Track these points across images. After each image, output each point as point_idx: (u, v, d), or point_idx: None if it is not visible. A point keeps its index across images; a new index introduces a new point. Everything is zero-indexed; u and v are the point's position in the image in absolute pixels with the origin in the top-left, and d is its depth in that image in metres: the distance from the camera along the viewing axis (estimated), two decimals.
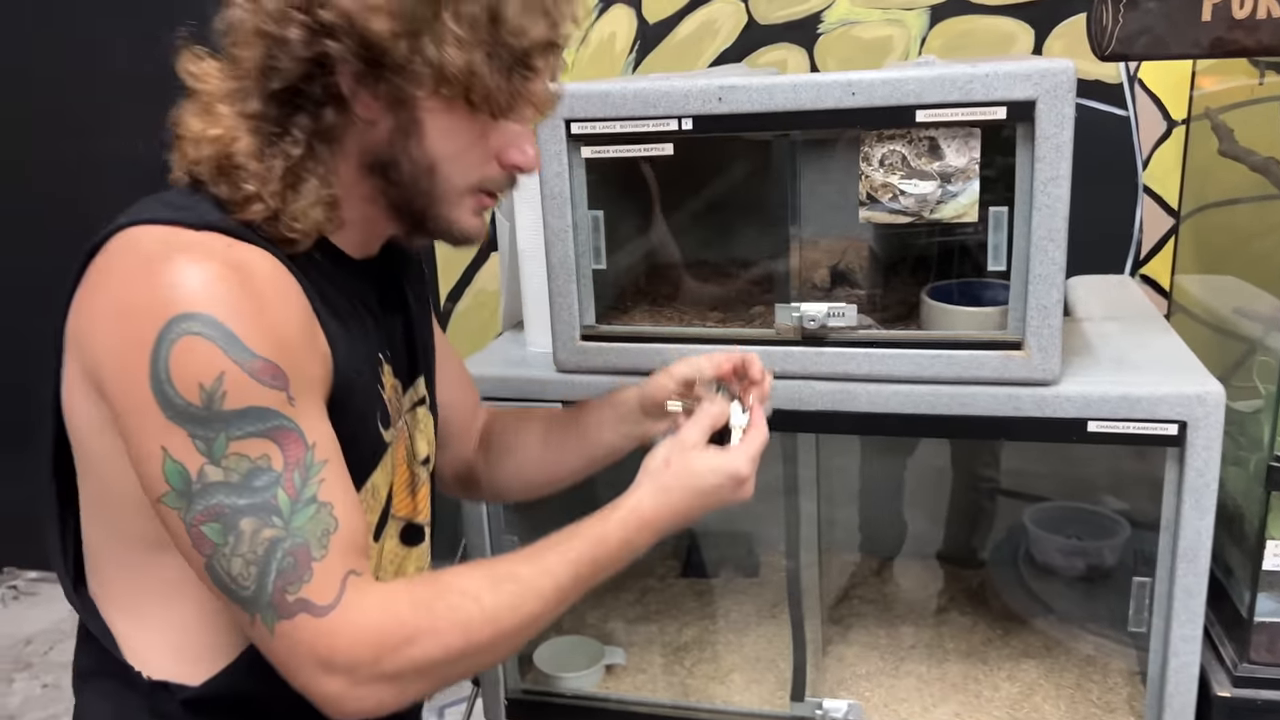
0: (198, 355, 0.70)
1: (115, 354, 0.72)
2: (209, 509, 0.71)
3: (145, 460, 0.72)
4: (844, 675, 1.44)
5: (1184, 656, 1.15)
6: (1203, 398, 1.08)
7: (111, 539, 0.83)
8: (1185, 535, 1.11)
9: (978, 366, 1.13)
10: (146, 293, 0.71)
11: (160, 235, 0.74)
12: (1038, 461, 1.69)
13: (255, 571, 0.72)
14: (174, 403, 0.70)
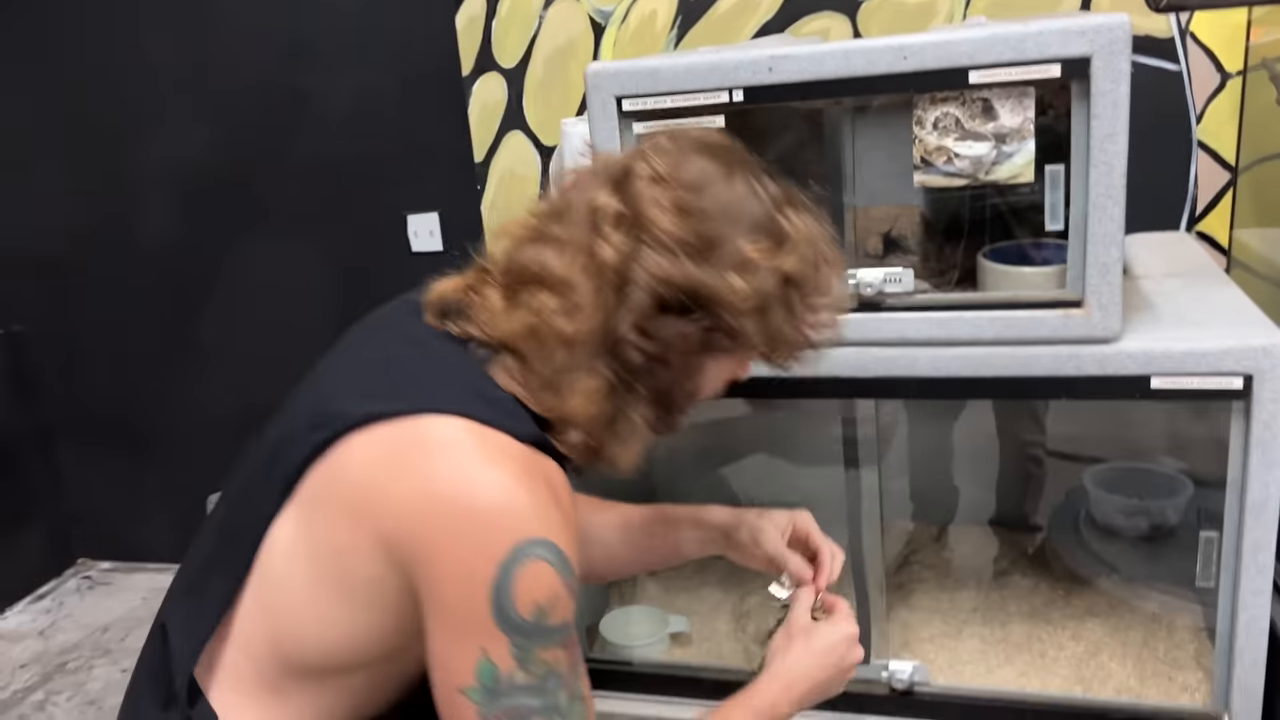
0: (541, 580, 0.78)
1: (452, 554, 0.78)
2: (509, 708, 0.79)
3: (455, 653, 0.79)
4: (907, 639, 1.45)
5: (1254, 610, 1.15)
6: (1268, 350, 1.07)
7: (271, 664, 0.90)
8: (1253, 489, 1.11)
9: (1037, 326, 1.13)
10: (493, 507, 0.78)
11: (493, 443, 0.81)
12: (1090, 423, 1.68)
13: None
14: (509, 615, 0.78)
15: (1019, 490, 1.75)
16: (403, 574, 0.81)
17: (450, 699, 0.80)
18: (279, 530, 0.87)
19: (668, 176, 0.86)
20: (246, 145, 2.36)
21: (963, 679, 1.36)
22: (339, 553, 0.84)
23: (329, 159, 2.30)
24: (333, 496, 0.84)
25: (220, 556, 0.91)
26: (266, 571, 0.88)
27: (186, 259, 2.50)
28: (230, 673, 0.91)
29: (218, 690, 0.91)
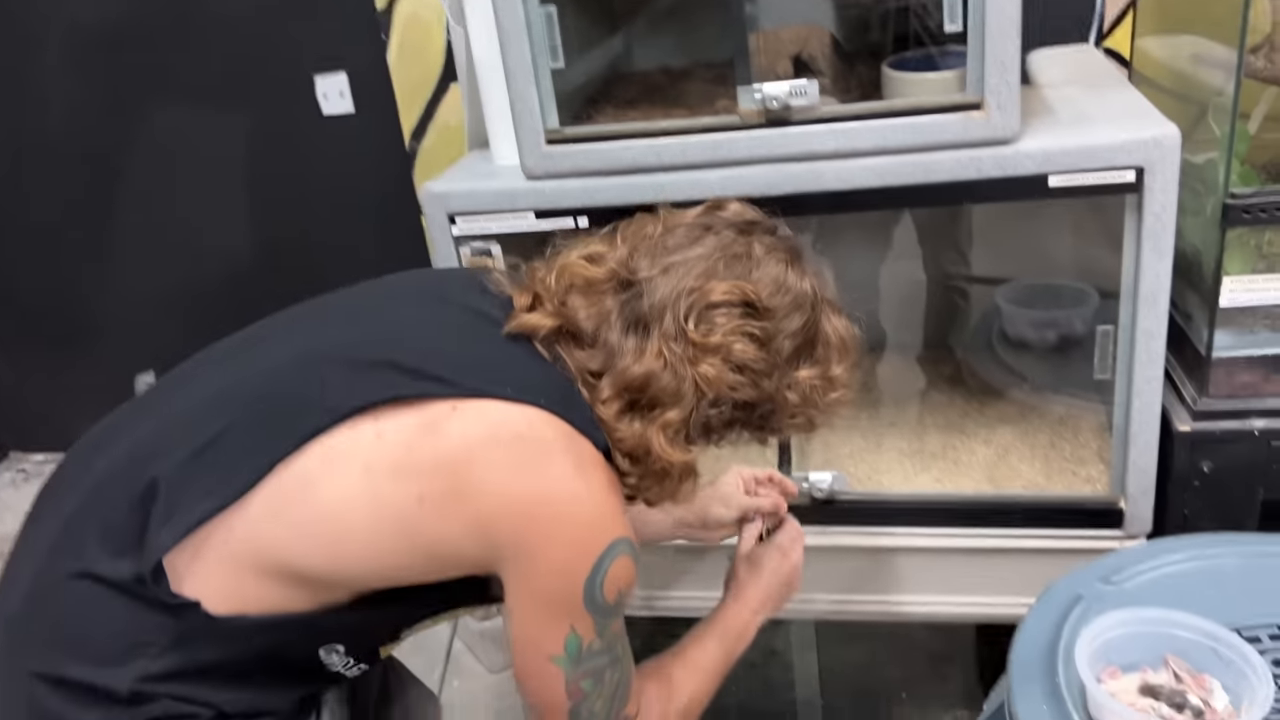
0: (625, 572, 0.91)
1: (555, 550, 0.88)
2: (588, 669, 0.93)
3: (547, 629, 0.90)
4: (828, 455, 1.51)
5: (1146, 397, 1.21)
6: (1159, 140, 1.10)
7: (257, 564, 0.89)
8: (1145, 280, 1.15)
9: (939, 131, 1.15)
10: (593, 511, 0.89)
11: (586, 449, 0.91)
12: (1008, 247, 1.73)
13: (608, 706, 0.96)
14: (597, 602, 0.90)
15: (945, 322, 1.80)
16: (489, 551, 0.89)
17: (539, 666, 0.92)
18: (339, 459, 0.89)
19: (758, 304, 0.95)
20: (144, 7, 2.24)
21: (880, 486, 1.42)
22: (426, 503, 0.88)
23: (227, 18, 2.20)
24: (432, 454, 0.88)
25: (253, 442, 0.90)
26: (314, 488, 0.88)
27: (88, 131, 2.40)
28: (208, 550, 0.89)
29: (180, 561, 0.88)
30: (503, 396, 0.89)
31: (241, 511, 0.88)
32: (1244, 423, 1.22)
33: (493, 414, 0.89)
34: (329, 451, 0.89)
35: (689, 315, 0.92)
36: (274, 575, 0.89)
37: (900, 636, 1.80)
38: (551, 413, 0.89)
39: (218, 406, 0.93)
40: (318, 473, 0.88)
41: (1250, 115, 1.26)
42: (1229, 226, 1.16)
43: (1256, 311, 1.21)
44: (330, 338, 0.97)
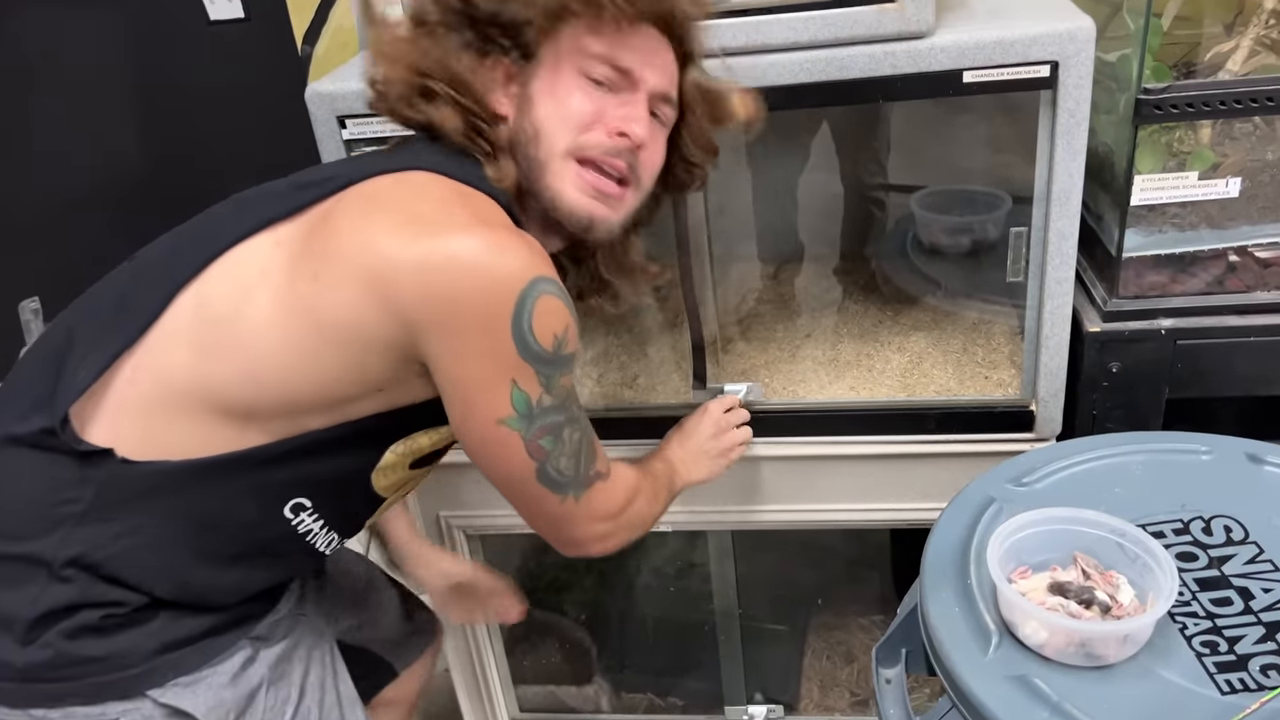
0: (554, 312, 0.87)
1: (471, 302, 0.83)
2: (544, 426, 0.90)
3: (488, 392, 0.87)
4: (744, 366, 1.49)
5: (1058, 299, 1.20)
6: (1073, 34, 1.07)
7: (200, 403, 0.86)
8: (1058, 178, 1.14)
9: (852, 24, 1.10)
10: (500, 253, 0.83)
11: (482, 201, 0.90)
12: (924, 156, 1.71)
13: (574, 463, 0.95)
14: (531, 347, 0.86)
15: (861, 234, 1.78)
16: (399, 327, 0.84)
17: (491, 435, 0.89)
18: (237, 269, 0.87)
19: None
20: None
21: (796, 396, 1.41)
22: (320, 279, 0.84)
23: None
24: (323, 237, 0.86)
25: (157, 280, 0.89)
26: (214, 305, 0.86)
27: None
28: (114, 394, 0.86)
29: (91, 410, 0.86)
30: (382, 171, 0.89)
31: (143, 346, 0.86)
32: (1152, 322, 1.23)
33: (372, 184, 0.89)
34: (226, 268, 0.87)
35: None
36: (190, 410, 0.85)
37: (816, 545, 1.81)
38: (435, 171, 0.89)
39: (128, 270, 0.95)
40: (215, 289, 0.86)
41: (1163, 12, 1.24)
42: (1141, 123, 1.14)
43: (1166, 210, 1.21)
44: (233, 203, 0.98)
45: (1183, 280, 1.23)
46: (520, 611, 1.40)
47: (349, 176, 0.90)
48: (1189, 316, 1.22)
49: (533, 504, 0.96)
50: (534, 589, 1.85)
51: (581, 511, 0.98)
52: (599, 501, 1.00)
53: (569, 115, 0.94)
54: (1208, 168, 1.17)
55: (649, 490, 1.10)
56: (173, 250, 0.93)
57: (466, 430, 0.90)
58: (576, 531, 1.00)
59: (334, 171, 0.94)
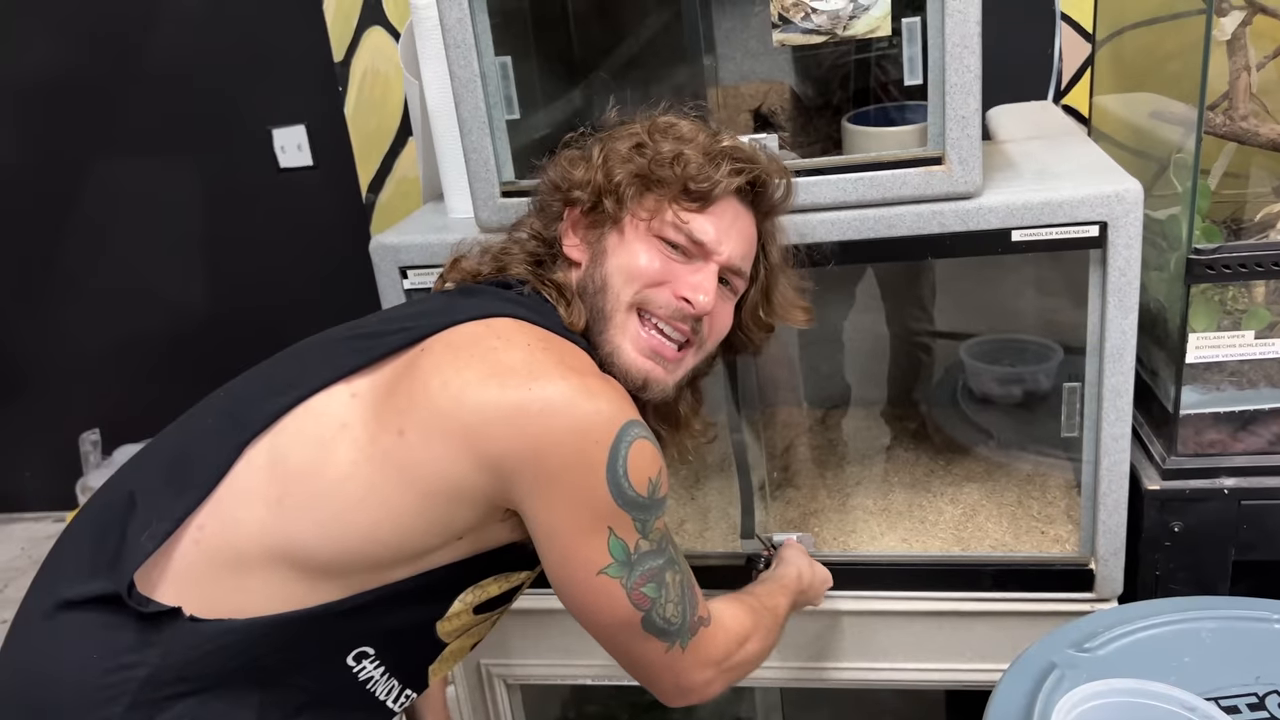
0: (648, 456, 0.86)
1: (562, 451, 0.82)
2: (645, 573, 0.89)
3: (585, 543, 0.85)
4: (792, 515, 1.47)
5: (1115, 455, 1.18)
6: (1121, 196, 1.09)
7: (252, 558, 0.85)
8: (1111, 336, 1.13)
9: (900, 185, 1.13)
10: (591, 401, 0.83)
11: (567, 348, 0.92)
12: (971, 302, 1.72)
13: (680, 609, 0.93)
14: (626, 494, 0.85)
15: (909, 378, 1.78)
16: (489, 475, 0.83)
17: (591, 586, 0.87)
18: (311, 423, 0.86)
19: None
20: (93, 56, 2.20)
21: (847, 547, 1.38)
22: (407, 434, 0.84)
23: (182, 68, 2.17)
24: (409, 388, 0.85)
25: (221, 437, 0.88)
26: (289, 462, 0.85)
27: (39, 181, 2.35)
28: (180, 555, 0.84)
29: (156, 574, 0.84)
30: (466, 319, 0.89)
31: (211, 504, 0.84)
32: (1213, 481, 1.20)
33: (455, 334, 0.88)
34: (300, 422, 0.86)
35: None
36: (262, 567, 0.83)
37: (870, 702, 1.75)
38: (516, 318, 0.90)
39: (185, 426, 0.94)
40: (291, 444, 0.85)
41: (1210, 171, 1.26)
42: (1193, 282, 1.15)
43: (1223, 367, 1.19)
44: (293, 353, 0.98)
45: (1244, 438, 1.21)
46: None
47: (428, 325, 0.90)
48: (1253, 476, 1.19)
49: (636, 653, 0.93)
50: None
51: (688, 660, 0.95)
52: (706, 648, 0.96)
53: (638, 271, 0.96)
54: (1264, 326, 1.16)
55: (764, 628, 1.05)
56: (236, 404, 0.92)
57: (565, 580, 0.88)
58: (683, 680, 0.96)
59: (406, 319, 0.93)
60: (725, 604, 1.03)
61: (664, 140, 0.99)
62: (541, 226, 1.02)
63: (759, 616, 1.05)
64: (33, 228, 2.40)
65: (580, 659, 1.41)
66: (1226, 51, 1.20)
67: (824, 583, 1.24)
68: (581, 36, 1.39)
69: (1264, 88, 1.23)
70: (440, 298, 1.00)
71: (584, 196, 0.99)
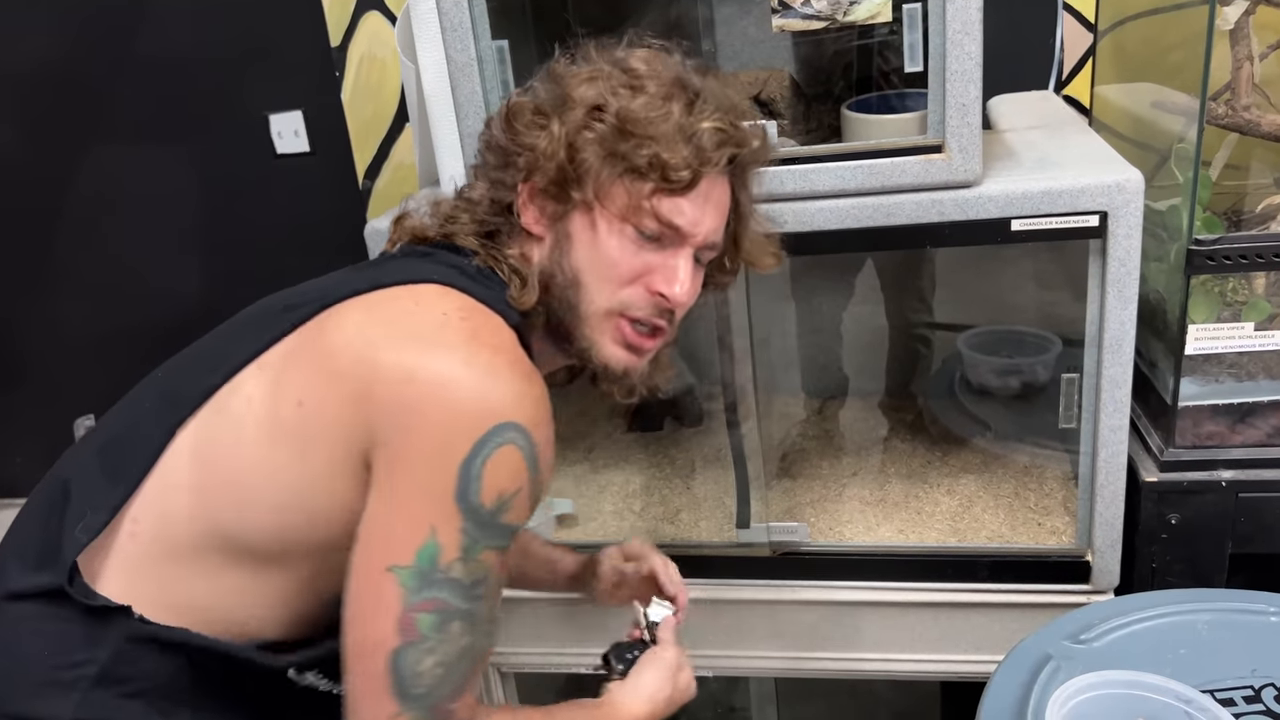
0: (511, 467, 0.76)
1: (431, 423, 0.74)
2: (433, 600, 0.74)
3: (400, 526, 0.75)
4: (789, 505, 1.47)
5: (1112, 447, 1.18)
6: (1122, 185, 1.08)
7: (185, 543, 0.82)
8: (1110, 327, 1.13)
9: (900, 173, 1.12)
10: (482, 383, 0.76)
11: (487, 321, 0.82)
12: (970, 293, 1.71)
13: (440, 674, 0.76)
14: (470, 497, 0.74)
15: (907, 369, 1.78)
16: (365, 436, 0.77)
17: (373, 578, 0.75)
18: (229, 400, 0.83)
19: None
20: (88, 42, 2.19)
21: (843, 538, 1.38)
22: (305, 404, 0.80)
23: (178, 54, 2.15)
24: (311, 353, 0.82)
25: (151, 423, 0.85)
26: (209, 444, 0.82)
27: (33, 171, 2.33)
28: (119, 548, 0.82)
29: (99, 564, 0.82)
30: (386, 284, 0.83)
31: (143, 495, 0.82)
32: (1211, 474, 1.19)
33: (376, 299, 0.83)
34: (222, 400, 0.83)
35: None
36: (196, 559, 0.81)
37: (863, 692, 1.75)
38: (446, 285, 0.83)
39: (125, 408, 0.91)
40: (211, 426, 0.82)
41: (1211, 162, 1.25)
42: (1193, 273, 1.14)
43: (1222, 359, 1.19)
44: (230, 326, 0.96)
45: (1242, 431, 1.20)
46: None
47: (348, 290, 0.84)
48: (1251, 469, 1.18)
49: (360, 690, 0.76)
50: None
51: None
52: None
53: (611, 270, 0.88)
54: (1264, 318, 1.15)
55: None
56: (171, 383, 0.89)
57: (356, 564, 0.77)
58: None
59: (335, 284, 0.88)
60: (507, 716, 0.89)
61: (635, 112, 0.86)
62: (491, 190, 0.92)
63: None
64: (27, 214, 2.39)
65: (576, 647, 1.40)
66: (1229, 42, 1.20)
67: (683, 693, 1.06)
68: (580, 19, 1.37)
69: (1266, 79, 1.22)
70: (375, 262, 0.94)
71: (544, 171, 0.88)
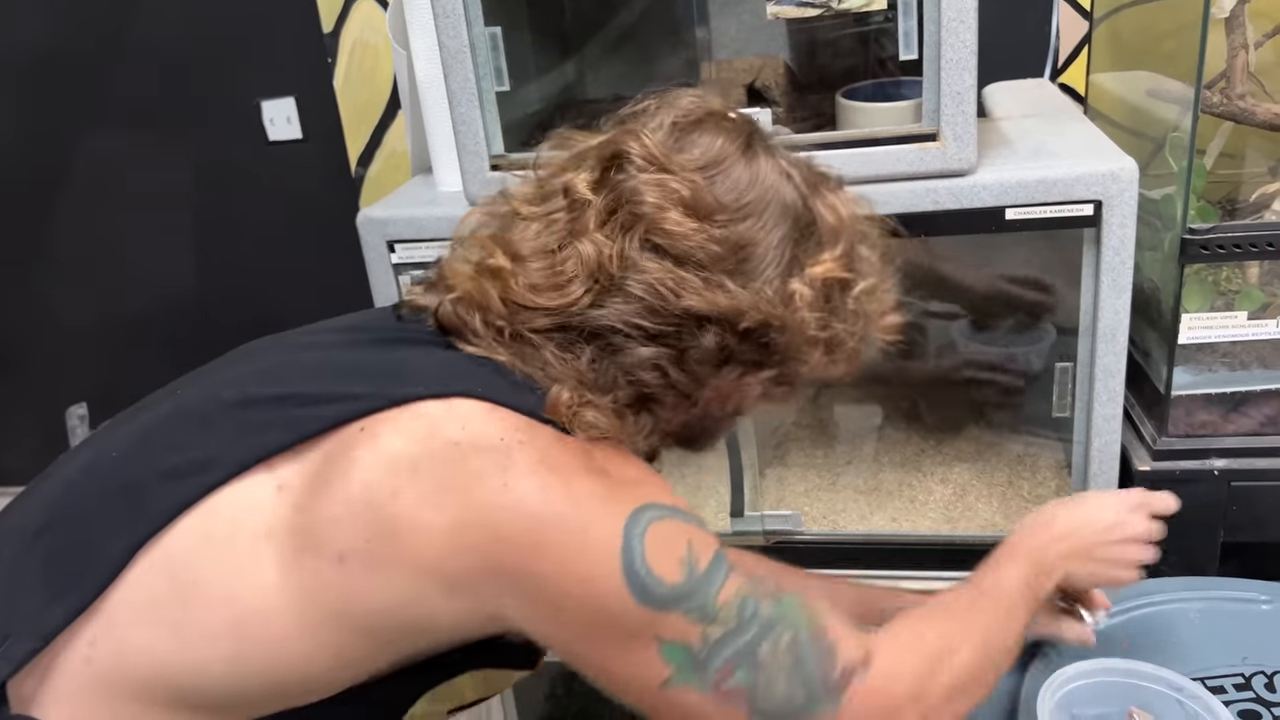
0: (668, 536, 0.67)
1: (553, 562, 0.65)
2: (723, 663, 0.68)
3: (628, 661, 0.68)
4: (783, 494, 1.47)
5: (1106, 436, 1.18)
6: (1116, 174, 1.08)
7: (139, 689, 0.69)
8: (1104, 316, 1.13)
9: (894, 162, 1.12)
10: (574, 498, 0.66)
11: (547, 439, 0.69)
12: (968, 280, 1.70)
13: (803, 674, 0.69)
14: (655, 593, 0.66)
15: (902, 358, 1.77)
16: (472, 598, 0.68)
17: (660, 704, 0.69)
18: (228, 529, 0.69)
19: (665, 158, 0.72)
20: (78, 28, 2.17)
21: (837, 526, 1.38)
22: (362, 590, 0.67)
23: (169, 39, 2.14)
24: (339, 505, 0.67)
25: (107, 522, 0.70)
26: (192, 574, 0.68)
27: (25, 157, 2.32)
28: (69, 672, 0.68)
29: (34, 686, 0.68)
30: (420, 396, 0.69)
31: (103, 618, 0.68)
32: (1204, 462, 1.19)
33: (413, 423, 0.68)
34: (208, 522, 0.68)
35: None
36: (160, 705, 0.68)
37: None
38: (490, 401, 0.69)
39: (73, 485, 0.75)
40: (195, 552, 0.68)
41: (1206, 150, 1.25)
42: (1187, 262, 1.14)
43: (1215, 349, 1.19)
44: (210, 383, 0.78)
45: (1235, 420, 1.20)
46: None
47: (374, 395, 0.70)
48: (1243, 457, 1.19)
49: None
50: (562, 718, 1.80)
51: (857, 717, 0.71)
52: (874, 697, 0.71)
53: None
54: (1257, 307, 1.15)
55: (971, 625, 0.78)
56: (130, 475, 0.72)
57: (628, 700, 0.71)
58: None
59: (347, 376, 0.74)
60: (898, 622, 0.77)
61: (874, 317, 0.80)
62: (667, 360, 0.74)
63: (956, 613, 0.79)
64: (18, 202, 2.37)
65: None
66: (1225, 29, 1.19)
67: (1121, 541, 0.88)
68: (574, 8, 1.37)
69: (1261, 67, 1.22)
70: (397, 349, 0.77)
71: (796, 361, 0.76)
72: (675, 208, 0.71)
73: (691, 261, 0.71)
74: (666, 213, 0.71)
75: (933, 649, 0.75)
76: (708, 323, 0.72)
